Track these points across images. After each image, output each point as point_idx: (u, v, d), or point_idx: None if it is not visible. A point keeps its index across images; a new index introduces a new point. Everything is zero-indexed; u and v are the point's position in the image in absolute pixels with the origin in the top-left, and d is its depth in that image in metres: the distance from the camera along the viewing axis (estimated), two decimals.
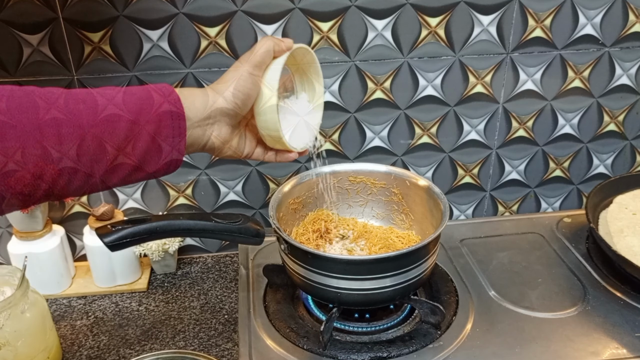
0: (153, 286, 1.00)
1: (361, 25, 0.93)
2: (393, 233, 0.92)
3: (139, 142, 0.53)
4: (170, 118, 0.56)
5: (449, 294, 0.89)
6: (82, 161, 0.50)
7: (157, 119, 0.55)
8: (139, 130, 0.53)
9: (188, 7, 0.88)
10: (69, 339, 0.88)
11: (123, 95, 0.54)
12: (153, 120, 0.54)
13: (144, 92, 0.55)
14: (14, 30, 0.86)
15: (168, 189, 1.02)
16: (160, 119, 0.55)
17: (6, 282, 0.80)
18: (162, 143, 0.55)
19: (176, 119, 0.56)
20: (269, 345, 0.79)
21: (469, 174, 1.11)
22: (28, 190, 0.48)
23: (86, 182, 0.52)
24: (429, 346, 0.79)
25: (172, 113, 0.56)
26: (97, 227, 0.67)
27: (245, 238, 0.73)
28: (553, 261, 0.97)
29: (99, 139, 0.51)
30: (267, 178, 1.04)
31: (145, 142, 0.54)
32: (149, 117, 0.54)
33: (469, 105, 1.03)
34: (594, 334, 0.81)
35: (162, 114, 0.55)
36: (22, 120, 0.46)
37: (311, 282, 0.76)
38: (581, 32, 0.99)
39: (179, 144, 0.57)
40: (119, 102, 0.53)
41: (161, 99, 0.56)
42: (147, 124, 0.54)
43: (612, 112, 1.09)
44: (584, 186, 1.16)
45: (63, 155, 0.48)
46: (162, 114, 0.55)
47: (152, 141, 0.54)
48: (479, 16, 0.95)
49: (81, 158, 0.50)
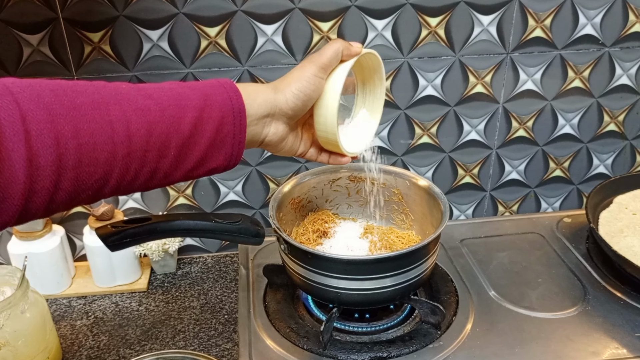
0: (153, 286, 1.00)
1: (361, 25, 0.93)
2: (393, 233, 0.92)
3: (202, 138, 0.54)
4: (232, 115, 0.56)
5: (449, 294, 0.89)
6: (149, 157, 0.50)
7: (220, 116, 0.55)
8: (202, 126, 0.54)
9: (188, 7, 0.88)
10: (69, 339, 0.88)
11: (188, 91, 0.54)
12: (216, 117, 0.55)
13: (207, 88, 0.56)
14: (14, 30, 0.86)
15: (168, 189, 1.02)
16: (222, 116, 0.55)
17: (6, 282, 0.80)
18: (224, 139, 0.56)
19: (237, 116, 0.56)
20: (269, 345, 0.79)
21: (469, 174, 1.11)
22: (98, 185, 0.48)
23: (151, 177, 0.52)
24: (429, 346, 0.79)
25: (234, 110, 0.56)
26: (97, 227, 0.67)
27: (245, 238, 0.73)
28: (553, 261, 0.97)
29: (165, 135, 0.51)
30: (267, 178, 1.04)
31: (208, 138, 0.54)
32: (212, 113, 0.54)
33: (469, 105, 1.03)
34: (594, 334, 0.81)
35: (225, 111, 0.55)
36: (95, 117, 0.47)
37: (311, 282, 0.76)
38: (581, 32, 0.99)
39: (239, 141, 0.57)
40: (184, 98, 0.53)
41: (224, 96, 0.56)
42: (210, 121, 0.54)
43: (612, 112, 1.09)
44: (584, 186, 1.16)
45: (131, 151, 0.49)
46: (224, 111, 0.55)
47: (215, 138, 0.55)
48: (479, 16, 0.95)
49: (147, 154, 0.50)
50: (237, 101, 0.57)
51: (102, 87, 0.49)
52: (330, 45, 0.63)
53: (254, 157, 1.01)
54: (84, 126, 0.46)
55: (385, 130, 1.02)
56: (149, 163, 0.51)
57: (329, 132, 0.65)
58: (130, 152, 0.49)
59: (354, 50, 0.64)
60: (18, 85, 0.44)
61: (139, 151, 0.49)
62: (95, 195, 0.49)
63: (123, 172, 0.49)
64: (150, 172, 0.52)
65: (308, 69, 0.62)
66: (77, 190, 0.47)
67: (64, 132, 0.44)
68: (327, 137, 0.66)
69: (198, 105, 0.54)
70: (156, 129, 0.50)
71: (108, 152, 0.47)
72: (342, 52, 0.63)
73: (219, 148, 0.56)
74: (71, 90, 0.47)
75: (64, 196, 0.46)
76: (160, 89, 0.53)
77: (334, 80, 0.64)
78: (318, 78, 0.62)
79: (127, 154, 0.49)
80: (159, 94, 0.52)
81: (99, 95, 0.48)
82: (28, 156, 0.42)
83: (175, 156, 0.52)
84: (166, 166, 0.52)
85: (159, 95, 0.52)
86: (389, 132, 1.03)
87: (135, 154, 0.49)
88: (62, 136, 0.44)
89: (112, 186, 0.49)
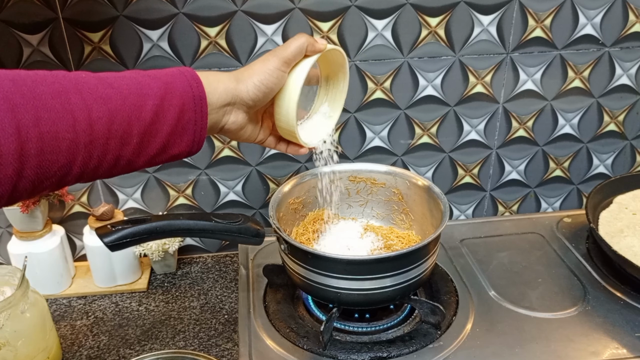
0: (153, 286, 1.00)
1: (361, 25, 0.93)
2: (393, 233, 0.92)
3: (164, 125, 0.55)
4: (193, 102, 0.57)
5: (449, 294, 0.89)
6: (111, 145, 0.51)
7: (181, 103, 0.56)
8: (164, 114, 0.55)
9: (188, 7, 0.88)
10: (69, 339, 0.88)
11: (149, 79, 0.55)
12: (177, 104, 0.56)
13: (168, 77, 0.57)
14: (14, 30, 0.86)
15: (168, 189, 1.02)
16: (183, 103, 0.56)
17: (6, 282, 0.80)
18: (185, 126, 0.57)
19: (198, 103, 0.58)
20: (269, 345, 0.79)
21: (469, 174, 1.11)
22: (62, 172, 0.49)
23: (115, 164, 0.53)
24: (429, 346, 0.79)
25: (194, 97, 0.57)
26: (97, 227, 0.67)
27: (245, 238, 0.73)
28: (553, 261, 0.97)
29: (127, 123, 0.52)
30: (267, 178, 1.04)
31: (169, 125, 0.55)
32: (173, 101, 0.55)
33: (469, 105, 1.03)
34: (594, 334, 0.81)
35: (186, 99, 0.57)
36: (56, 106, 0.47)
37: (311, 282, 0.76)
38: (581, 32, 0.99)
39: (200, 127, 0.58)
40: (145, 86, 0.54)
41: (184, 84, 0.57)
42: (171, 108, 0.55)
43: (612, 112, 1.09)
44: (584, 186, 1.16)
45: (93, 139, 0.50)
46: (185, 98, 0.56)
47: (176, 125, 0.56)
48: (479, 16, 0.95)
49: (110, 142, 0.51)
50: (198, 89, 0.58)
51: (62, 77, 0.50)
52: (295, 40, 0.64)
53: (254, 157, 1.01)
54: (44, 115, 0.46)
55: (385, 130, 1.02)
56: (111, 150, 0.52)
57: (289, 124, 0.67)
58: (92, 140, 0.49)
59: (318, 47, 0.65)
60: None
61: (101, 139, 0.50)
62: (59, 182, 0.50)
63: (86, 159, 0.50)
64: (113, 159, 0.52)
65: (271, 62, 0.63)
66: (41, 178, 0.47)
67: (24, 121, 0.45)
68: (286, 128, 0.68)
69: (159, 93, 0.54)
70: (117, 116, 0.51)
71: (70, 140, 0.48)
72: (306, 48, 0.64)
73: (180, 135, 0.57)
74: (31, 79, 0.47)
75: (27, 184, 0.47)
76: (121, 77, 0.54)
77: (296, 74, 0.65)
78: (280, 71, 0.63)
79: (89, 141, 0.49)
80: (119, 82, 0.53)
81: (59, 84, 0.49)
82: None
83: (137, 143, 0.53)
84: (129, 153, 0.53)
85: (120, 84, 0.53)
86: (389, 132, 1.03)
87: (97, 141, 0.50)
88: (22, 125, 0.45)
89: (75, 174, 0.50)
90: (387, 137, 1.03)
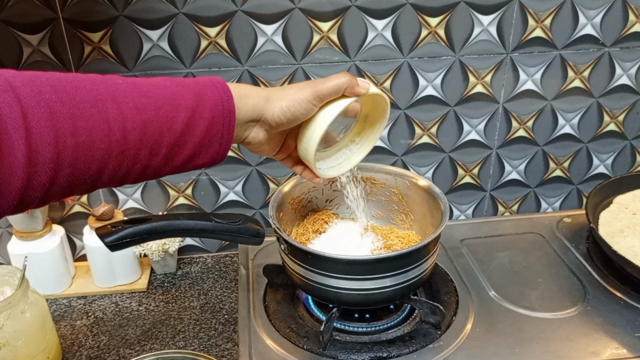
0: (153, 286, 1.00)
1: (361, 25, 0.93)
2: (393, 233, 0.92)
3: (193, 137, 0.55)
4: (222, 116, 0.57)
5: (449, 294, 0.89)
6: (141, 155, 0.51)
7: (211, 117, 0.56)
8: (194, 126, 0.55)
9: (188, 7, 0.88)
10: (69, 339, 0.88)
11: (182, 89, 0.55)
12: (207, 117, 0.56)
13: (200, 87, 0.57)
14: (14, 30, 0.86)
15: (168, 189, 1.02)
16: (213, 116, 0.56)
17: (6, 282, 0.80)
18: (213, 139, 0.57)
19: (227, 117, 0.58)
20: (269, 345, 0.79)
21: (469, 174, 1.11)
22: (92, 180, 0.49)
23: (142, 174, 0.53)
24: (429, 346, 0.79)
25: (224, 111, 0.57)
26: (97, 227, 0.67)
27: (245, 238, 0.73)
28: (553, 261, 0.97)
29: (159, 134, 0.52)
30: (267, 178, 1.04)
31: (198, 137, 0.55)
32: (204, 113, 0.55)
33: (469, 105, 1.03)
34: (594, 334, 0.81)
35: (216, 112, 0.57)
36: (94, 115, 0.47)
37: (311, 282, 0.76)
38: (581, 32, 0.99)
39: (227, 140, 0.58)
40: (178, 97, 0.54)
41: (216, 96, 0.57)
42: (202, 121, 0.55)
43: (612, 112, 1.09)
44: (584, 186, 1.16)
45: (125, 149, 0.50)
46: (216, 111, 0.56)
47: (204, 137, 0.56)
48: (479, 16, 0.95)
49: (140, 152, 0.51)
50: (228, 102, 0.58)
51: (100, 83, 0.50)
52: (336, 78, 0.63)
53: (254, 157, 1.01)
54: (82, 124, 0.46)
55: (386, 131, 1.02)
56: (141, 160, 0.52)
57: (308, 155, 0.67)
58: (124, 150, 0.50)
59: (358, 91, 0.64)
60: (19, 80, 0.45)
61: (132, 149, 0.50)
62: (88, 189, 0.50)
63: (116, 168, 0.50)
64: (141, 169, 0.53)
65: (305, 92, 0.62)
66: (71, 185, 0.48)
67: (62, 130, 0.45)
68: (305, 157, 0.68)
69: (191, 105, 0.54)
70: (150, 127, 0.51)
71: (103, 149, 0.48)
72: (345, 89, 0.63)
73: (207, 147, 0.57)
74: (71, 86, 0.47)
75: (57, 190, 0.47)
76: (156, 85, 0.54)
77: (327, 111, 0.64)
78: (310, 104, 0.63)
79: (121, 151, 0.50)
80: (154, 91, 0.53)
81: (97, 91, 0.49)
82: (27, 153, 0.43)
83: (166, 154, 0.53)
84: (156, 163, 0.53)
85: (155, 93, 0.53)
86: (389, 132, 1.03)
87: (129, 151, 0.50)
88: (60, 134, 0.45)
89: (104, 181, 0.51)
90: (387, 137, 1.03)
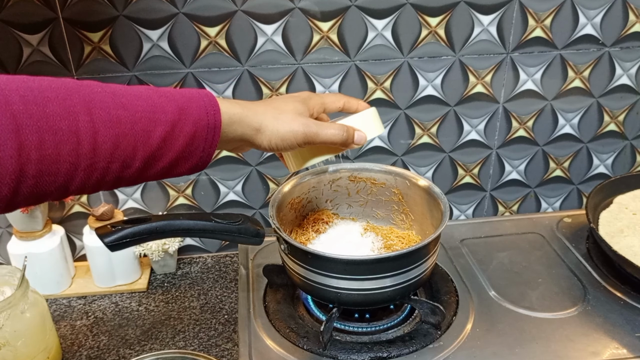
0: (153, 286, 1.00)
1: (361, 25, 0.93)
2: (393, 233, 0.92)
3: (170, 152, 0.53)
4: (206, 131, 0.55)
5: (449, 294, 0.89)
6: (112, 168, 0.50)
7: (193, 131, 0.54)
8: (172, 141, 0.53)
9: (188, 7, 0.88)
10: (69, 339, 0.88)
11: (164, 101, 0.53)
12: (189, 131, 0.53)
13: (185, 100, 0.54)
14: (14, 30, 0.86)
15: (168, 189, 1.02)
16: (195, 131, 0.54)
17: (6, 282, 0.80)
18: (193, 152, 0.55)
19: (211, 132, 0.55)
20: (269, 345, 0.79)
21: (469, 174, 1.11)
22: (58, 192, 0.48)
23: (114, 184, 0.52)
24: (429, 346, 0.79)
25: (209, 126, 0.55)
26: (97, 227, 0.67)
27: (245, 238, 0.73)
28: (553, 261, 0.97)
29: (132, 148, 0.50)
30: (267, 178, 1.04)
31: (176, 152, 0.53)
32: (185, 128, 0.53)
33: (469, 105, 1.03)
34: (594, 334, 0.81)
35: (199, 126, 0.54)
36: (62, 128, 0.46)
37: (311, 282, 0.76)
38: (581, 32, 0.99)
39: (208, 154, 0.56)
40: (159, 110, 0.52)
41: (201, 110, 0.55)
42: (182, 135, 0.53)
43: (612, 112, 1.09)
44: (584, 186, 1.16)
45: (95, 162, 0.48)
46: (199, 126, 0.54)
47: (183, 151, 0.54)
48: (479, 16, 0.95)
49: (111, 165, 0.49)
50: (214, 117, 0.55)
51: (75, 92, 0.48)
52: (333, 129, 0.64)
53: (254, 157, 1.01)
54: (49, 137, 0.45)
55: (385, 130, 1.02)
56: (112, 173, 0.50)
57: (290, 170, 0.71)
58: (93, 164, 0.48)
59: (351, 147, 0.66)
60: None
61: (102, 162, 0.49)
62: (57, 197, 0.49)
63: (84, 180, 0.48)
64: (113, 180, 0.51)
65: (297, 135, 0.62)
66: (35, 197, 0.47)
67: (28, 142, 0.43)
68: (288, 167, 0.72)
69: (171, 119, 0.52)
70: (123, 141, 0.49)
71: (70, 163, 0.46)
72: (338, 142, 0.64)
73: (186, 159, 0.55)
74: (42, 97, 0.45)
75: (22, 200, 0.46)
76: (137, 97, 0.51)
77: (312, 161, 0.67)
78: (299, 146, 0.63)
79: (89, 164, 0.48)
80: (133, 103, 0.51)
81: (70, 102, 0.47)
82: None
83: (139, 168, 0.52)
84: (130, 175, 0.52)
85: (133, 105, 0.51)
86: (389, 132, 1.03)
87: (98, 164, 0.48)
88: (25, 147, 0.43)
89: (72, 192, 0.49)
90: (387, 137, 1.03)
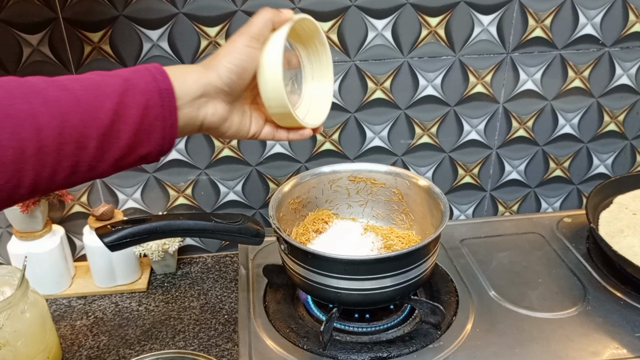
0: (153, 286, 1.00)
1: (361, 25, 0.93)
2: (393, 233, 0.92)
3: (126, 125, 0.50)
4: (159, 96, 0.52)
5: (449, 294, 0.89)
6: (65, 150, 0.47)
7: (145, 99, 0.51)
8: (125, 112, 0.50)
9: (188, 7, 0.88)
10: (69, 339, 0.88)
11: (108, 78, 0.51)
12: (140, 100, 0.51)
13: (130, 73, 0.53)
14: (14, 30, 0.86)
15: (168, 189, 1.02)
16: (148, 99, 0.52)
17: (6, 282, 0.80)
18: (153, 123, 0.52)
19: (166, 97, 0.53)
20: (269, 345, 0.79)
21: (469, 174, 1.11)
22: (11, 185, 0.45)
23: (73, 172, 0.49)
24: (429, 346, 0.79)
25: (160, 91, 0.52)
26: (97, 227, 0.67)
27: (245, 238, 0.73)
28: (553, 261, 0.97)
29: (82, 126, 0.48)
30: (267, 178, 1.04)
31: (133, 124, 0.51)
32: (136, 97, 0.51)
33: (469, 105, 1.03)
34: (594, 334, 0.81)
35: (150, 94, 0.52)
36: None
37: (311, 282, 0.76)
38: (581, 32, 0.99)
39: (171, 123, 0.53)
40: (103, 85, 0.50)
41: (148, 78, 0.52)
42: (134, 105, 0.51)
43: (612, 112, 1.09)
44: (584, 186, 1.16)
45: (43, 146, 0.46)
46: (150, 94, 0.52)
47: (141, 123, 0.51)
48: (479, 16, 0.95)
49: (64, 147, 0.47)
50: (164, 82, 0.53)
51: (8, 82, 0.46)
52: (259, 15, 0.59)
53: (254, 157, 1.01)
54: None
55: (385, 130, 1.02)
56: (67, 157, 0.48)
57: (279, 105, 0.60)
58: (41, 147, 0.46)
59: (284, 17, 0.60)
60: None
61: (51, 145, 0.46)
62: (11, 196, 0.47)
63: (38, 168, 0.46)
64: (71, 166, 0.49)
65: (238, 41, 0.58)
66: None
67: None
68: (278, 111, 0.61)
69: (118, 90, 0.50)
70: (70, 120, 0.47)
71: (14, 148, 0.44)
72: (272, 20, 0.60)
73: (148, 133, 0.52)
74: None
75: None
76: (77, 79, 0.50)
77: (270, 49, 0.60)
78: (250, 48, 0.58)
79: (37, 149, 0.46)
80: (74, 84, 0.49)
81: (3, 90, 0.45)
82: None
83: (96, 147, 0.49)
84: (88, 158, 0.49)
85: (74, 85, 0.49)
86: (389, 132, 1.03)
87: (47, 148, 0.46)
88: None
89: (27, 185, 0.47)
90: (387, 137, 1.03)
